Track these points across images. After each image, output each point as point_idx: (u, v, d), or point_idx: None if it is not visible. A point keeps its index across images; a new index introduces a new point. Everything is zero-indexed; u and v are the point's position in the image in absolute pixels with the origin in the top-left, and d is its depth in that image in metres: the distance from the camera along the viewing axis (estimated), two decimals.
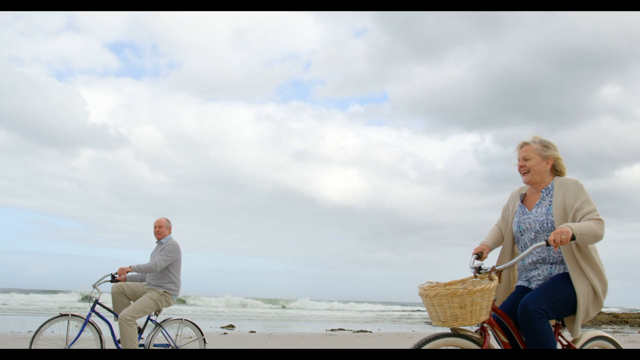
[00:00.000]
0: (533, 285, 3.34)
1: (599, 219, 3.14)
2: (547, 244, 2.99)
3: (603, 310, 29.59)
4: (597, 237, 3.12)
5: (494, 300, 3.08)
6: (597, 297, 3.23)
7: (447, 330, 3.05)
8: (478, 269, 3.18)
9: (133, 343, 5.61)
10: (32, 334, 5.57)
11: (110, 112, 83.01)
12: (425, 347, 2.89)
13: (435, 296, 2.95)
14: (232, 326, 16.22)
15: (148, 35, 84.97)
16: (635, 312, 33.28)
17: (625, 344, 12.31)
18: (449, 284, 3.09)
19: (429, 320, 3.29)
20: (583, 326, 3.69)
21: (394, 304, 55.78)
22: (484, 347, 3.01)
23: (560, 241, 2.93)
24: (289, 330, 15.81)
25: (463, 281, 3.14)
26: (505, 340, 3.21)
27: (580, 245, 3.20)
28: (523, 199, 3.51)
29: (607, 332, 3.82)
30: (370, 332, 16.04)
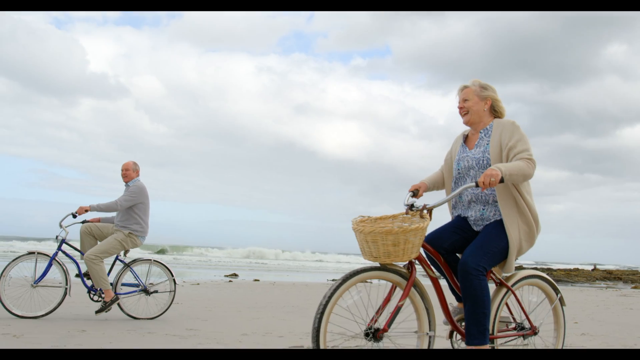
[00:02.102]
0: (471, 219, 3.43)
1: (530, 159, 3.23)
2: (477, 185, 3.08)
3: (598, 267, 29.78)
4: (527, 176, 3.22)
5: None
6: (530, 232, 3.35)
7: (376, 264, 3.11)
8: (410, 206, 3.23)
9: (103, 280, 5.77)
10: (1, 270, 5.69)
11: (110, 61, 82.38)
12: (355, 277, 2.99)
13: (370, 233, 3.00)
14: (235, 275, 16.57)
15: None
16: (630, 269, 33.46)
17: (618, 297, 12.46)
18: (380, 218, 3.16)
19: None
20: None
21: None
22: (409, 282, 3.10)
23: (489, 183, 3.01)
24: (291, 280, 16.17)
25: (394, 217, 3.19)
26: (433, 274, 3.33)
27: (514, 184, 3.28)
28: (465, 139, 3.59)
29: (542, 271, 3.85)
30: (371, 282, 16.31)
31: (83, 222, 6.17)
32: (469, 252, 3.23)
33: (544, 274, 3.79)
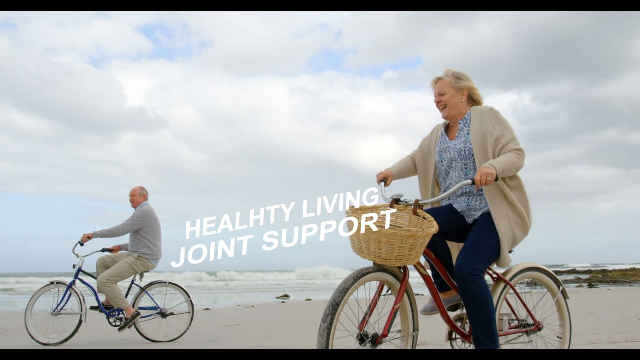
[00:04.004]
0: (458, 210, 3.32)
1: (519, 149, 3.16)
2: (473, 182, 2.97)
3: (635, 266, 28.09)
4: (518, 168, 3.17)
5: None
6: (522, 222, 3.22)
7: (370, 265, 2.96)
8: (396, 200, 3.10)
9: (120, 300, 5.92)
10: (28, 300, 6.04)
11: (147, 94, 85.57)
12: (358, 282, 2.84)
13: (390, 235, 2.80)
14: (286, 296, 16.65)
15: (177, 16, 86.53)
16: None
17: None
18: (361, 209, 2.97)
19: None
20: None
21: None
22: (403, 282, 2.98)
23: (486, 182, 2.93)
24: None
25: (374, 208, 3.02)
26: (425, 272, 3.19)
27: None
28: (446, 129, 3.47)
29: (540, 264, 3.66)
30: (422, 294, 16.06)
31: (102, 250, 6.35)
32: (462, 255, 3.09)
33: (543, 266, 3.60)
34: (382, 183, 3.33)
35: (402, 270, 3.01)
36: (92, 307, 6.07)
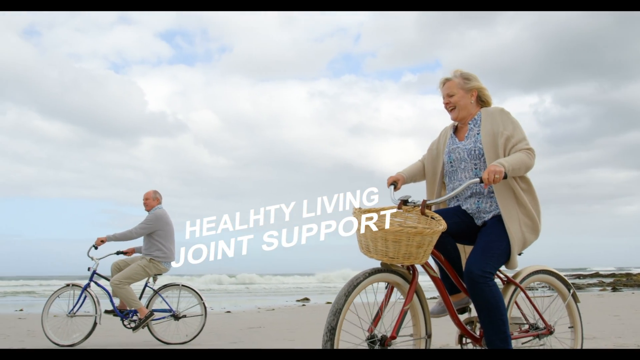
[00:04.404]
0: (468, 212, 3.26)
1: (529, 148, 3.09)
2: (481, 181, 2.91)
3: None
4: (529, 168, 3.09)
5: None
6: (533, 225, 3.15)
7: (377, 266, 2.93)
8: (405, 201, 3.09)
9: (133, 301, 5.99)
10: (44, 303, 6.15)
11: (167, 99, 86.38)
12: (363, 282, 2.82)
13: (396, 232, 2.78)
14: (307, 299, 16.62)
15: (197, 21, 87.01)
16: None
17: None
18: (368, 210, 2.92)
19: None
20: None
21: None
22: (412, 284, 2.93)
23: (494, 179, 2.86)
24: (363, 300, 16.05)
25: (382, 209, 2.99)
26: (435, 274, 3.14)
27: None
28: (455, 130, 3.42)
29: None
30: (436, 297, 15.87)
31: (117, 252, 6.43)
32: (472, 258, 3.03)
33: (553, 269, 3.52)
34: (392, 187, 3.29)
35: (410, 271, 2.97)
36: (106, 311, 6.14)
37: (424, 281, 3.19)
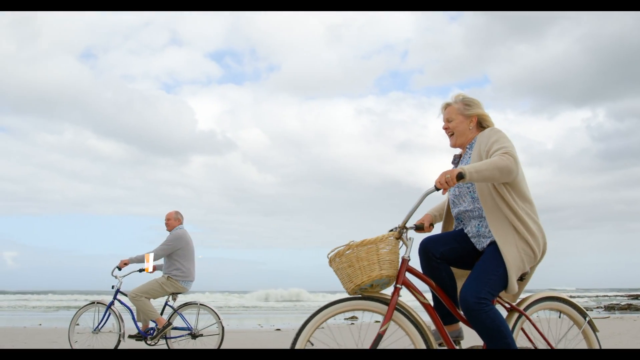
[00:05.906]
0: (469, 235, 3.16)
1: (505, 152, 2.86)
2: (437, 188, 2.80)
3: None
4: (503, 169, 2.80)
5: (408, 261, 2.96)
6: (530, 249, 2.96)
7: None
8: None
9: (151, 312, 6.10)
10: (71, 319, 6.36)
11: (216, 118, 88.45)
12: (320, 315, 2.92)
13: (343, 254, 2.90)
14: (355, 317, 16.46)
15: (246, 41, 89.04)
16: None
17: None
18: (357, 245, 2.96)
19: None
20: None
21: None
22: (390, 305, 2.86)
23: (446, 182, 2.72)
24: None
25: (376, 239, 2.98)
26: (425, 300, 3.06)
27: (499, 191, 2.96)
28: (458, 159, 3.31)
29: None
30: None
31: (140, 270, 6.55)
32: (465, 287, 2.91)
33: (564, 296, 3.28)
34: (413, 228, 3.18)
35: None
36: (130, 336, 6.22)
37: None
